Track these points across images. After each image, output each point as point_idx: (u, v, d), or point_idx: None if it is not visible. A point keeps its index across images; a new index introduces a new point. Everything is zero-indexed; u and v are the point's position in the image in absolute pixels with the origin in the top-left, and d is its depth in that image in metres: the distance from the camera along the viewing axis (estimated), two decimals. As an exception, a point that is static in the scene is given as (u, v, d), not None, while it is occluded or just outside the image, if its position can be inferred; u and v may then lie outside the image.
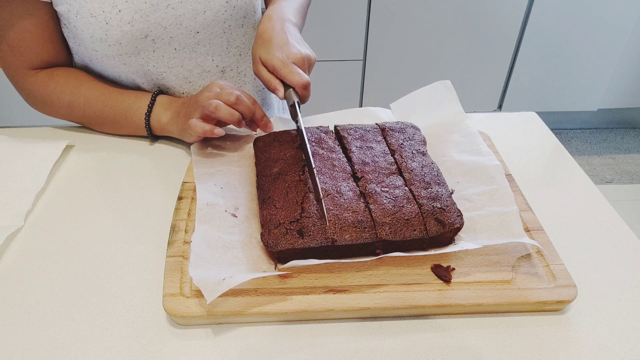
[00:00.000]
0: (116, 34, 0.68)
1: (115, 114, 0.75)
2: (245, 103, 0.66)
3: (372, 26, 1.81)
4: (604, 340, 0.49)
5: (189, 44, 0.74)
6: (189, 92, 0.80)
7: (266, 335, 0.49)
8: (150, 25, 0.69)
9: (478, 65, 1.94)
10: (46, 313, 0.51)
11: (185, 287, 0.51)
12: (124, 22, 0.68)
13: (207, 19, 0.73)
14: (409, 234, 0.53)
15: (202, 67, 0.78)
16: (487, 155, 0.65)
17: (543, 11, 1.82)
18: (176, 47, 0.74)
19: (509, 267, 0.53)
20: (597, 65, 1.98)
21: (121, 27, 0.68)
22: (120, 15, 0.67)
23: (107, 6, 0.67)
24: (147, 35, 0.70)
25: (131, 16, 0.68)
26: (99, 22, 0.67)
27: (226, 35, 0.77)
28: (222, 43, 0.78)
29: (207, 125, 0.64)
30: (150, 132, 0.75)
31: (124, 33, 0.69)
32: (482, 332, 0.49)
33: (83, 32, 0.69)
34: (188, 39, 0.74)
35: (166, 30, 0.71)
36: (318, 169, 0.59)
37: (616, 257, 0.58)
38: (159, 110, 0.73)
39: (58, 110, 0.77)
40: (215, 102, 0.64)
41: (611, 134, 2.29)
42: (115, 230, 0.61)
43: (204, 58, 0.77)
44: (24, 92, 0.77)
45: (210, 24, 0.74)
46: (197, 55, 0.76)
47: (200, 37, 0.75)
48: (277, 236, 0.52)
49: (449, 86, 0.75)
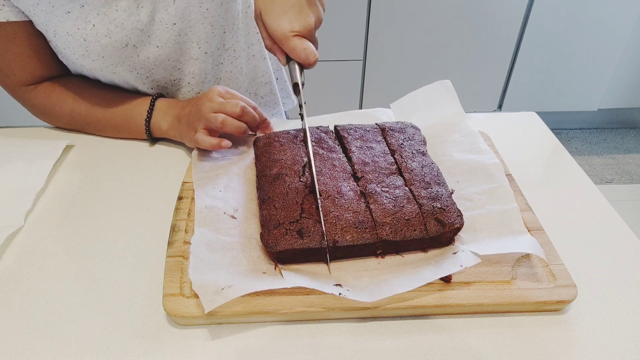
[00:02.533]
0: (96, 49, 0.68)
1: (117, 121, 0.75)
2: (251, 113, 0.66)
3: (372, 26, 1.81)
4: (604, 340, 0.49)
5: (169, 38, 0.72)
6: (180, 79, 0.79)
7: (266, 335, 0.49)
8: (128, 32, 0.68)
9: (478, 65, 1.94)
10: (46, 313, 0.51)
11: (185, 287, 0.51)
12: (100, 36, 0.67)
13: (179, 8, 0.70)
14: (409, 234, 0.53)
15: (188, 55, 0.76)
16: (487, 154, 0.65)
17: (543, 11, 1.82)
18: (157, 44, 0.72)
19: (509, 267, 0.53)
20: (597, 65, 1.98)
21: (99, 41, 0.67)
22: (96, 29, 0.66)
23: (81, 22, 0.65)
24: (127, 43, 0.69)
25: (106, 28, 0.66)
26: (77, 39, 0.67)
27: (207, 19, 0.74)
28: (204, 28, 0.75)
29: (214, 140, 0.65)
30: (151, 137, 0.75)
31: (103, 47, 0.68)
32: (482, 332, 0.49)
33: (65, 50, 0.69)
34: (166, 32, 0.72)
35: (143, 31, 0.70)
36: (318, 169, 0.59)
37: (616, 257, 0.58)
38: (158, 116, 0.74)
39: (61, 119, 0.77)
40: (222, 117, 0.64)
41: (611, 134, 2.29)
42: (115, 230, 0.61)
43: (189, 46, 0.75)
44: (26, 105, 0.78)
45: (185, 11, 0.71)
46: (180, 45, 0.74)
47: (179, 27, 0.72)
48: (277, 236, 0.52)
49: (449, 86, 0.75)
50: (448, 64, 1.93)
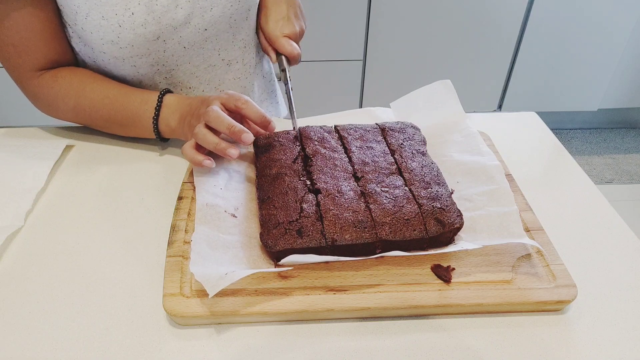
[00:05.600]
0: (129, 37, 0.68)
1: (123, 119, 0.73)
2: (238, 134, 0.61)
3: (372, 26, 1.81)
4: (604, 340, 0.49)
5: (197, 41, 0.74)
6: (195, 87, 0.80)
7: (266, 335, 0.49)
8: (162, 27, 0.69)
9: (478, 65, 1.94)
10: (46, 313, 0.51)
11: (185, 287, 0.51)
12: (137, 25, 0.67)
13: (214, 15, 0.73)
14: (409, 234, 0.53)
15: (208, 62, 0.78)
16: (487, 155, 0.65)
17: (543, 11, 1.82)
18: (185, 45, 0.74)
19: (509, 267, 0.53)
20: (597, 65, 1.97)
21: (134, 29, 0.68)
22: (134, 18, 0.67)
23: (120, 9, 0.66)
24: (159, 36, 0.70)
25: (144, 18, 0.67)
26: (111, 24, 0.67)
27: (232, 29, 0.78)
28: (228, 37, 0.78)
29: (198, 157, 0.61)
30: (160, 137, 0.73)
31: (136, 35, 0.68)
32: (482, 332, 0.49)
33: (92, 35, 0.69)
34: (196, 36, 0.74)
35: (176, 30, 0.71)
36: (319, 168, 0.59)
37: (616, 257, 0.58)
38: (167, 114, 0.71)
39: (65, 113, 0.76)
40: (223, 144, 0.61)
41: (611, 134, 2.29)
42: (115, 230, 0.61)
43: (211, 53, 0.78)
44: (29, 94, 0.76)
45: (218, 20, 0.74)
46: (204, 51, 0.77)
47: (208, 33, 0.75)
48: (276, 236, 0.52)
49: (449, 86, 0.75)
50: (448, 64, 1.93)
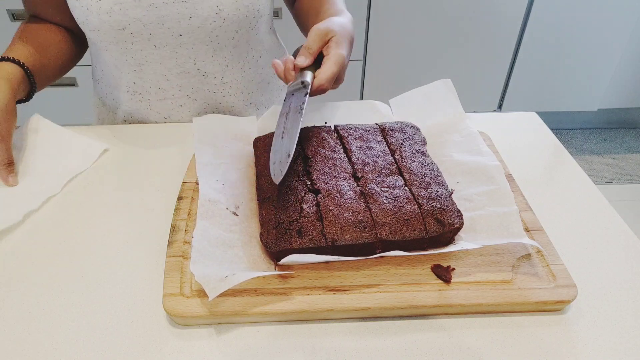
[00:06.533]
0: (94, 21, 0.71)
1: None
2: None
3: (372, 26, 1.81)
4: (604, 340, 0.49)
5: (170, 44, 0.74)
6: (166, 89, 0.80)
7: (266, 335, 0.49)
8: (129, 19, 0.71)
9: (478, 65, 1.94)
10: (46, 313, 0.51)
11: (185, 287, 0.51)
12: (102, 12, 0.70)
13: (192, 25, 0.73)
14: (409, 234, 0.53)
15: (182, 68, 0.78)
16: (487, 156, 0.65)
17: (543, 11, 1.82)
18: (156, 44, 0.74)
19: (509, 267, 0.53)
20: (597, 65, 1.97)
21: (99, 15, 0.70)
22: (100, 4, 0.69)
23: None
24: (125, 27, 0.71)
25: (110, 7, 0.69)
26: (82, 6, 0.70)
27: (212, 44, 0.76)
28: (207, 50, 0.77)
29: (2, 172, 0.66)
30: None
31: (101, 22, 0.70)
32: (482, 332, 0.49)
33: (74, 14, 0.73)
34: (169, 39, 0.74)
35: (146, 27, 0.72)
36: (319, 168, 0.59)
37: (616, 257, 0.58)
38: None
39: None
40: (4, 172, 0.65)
41: (611, 134, 2.29)
42: (116, 230, 0.61)
43: (185, 60, 0.77)
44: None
45: (196, 30, 0.73)
46: (178, 55, 0.76)
47: (183, 40, 0.74)
48: (276, 236, 0.52)
49: (450, 85, 0.75)
50: (448, 64, 1.93)
